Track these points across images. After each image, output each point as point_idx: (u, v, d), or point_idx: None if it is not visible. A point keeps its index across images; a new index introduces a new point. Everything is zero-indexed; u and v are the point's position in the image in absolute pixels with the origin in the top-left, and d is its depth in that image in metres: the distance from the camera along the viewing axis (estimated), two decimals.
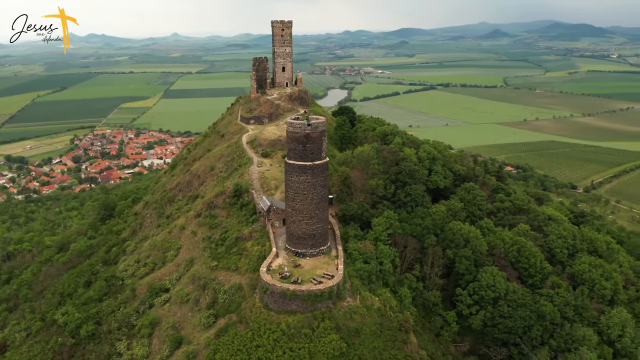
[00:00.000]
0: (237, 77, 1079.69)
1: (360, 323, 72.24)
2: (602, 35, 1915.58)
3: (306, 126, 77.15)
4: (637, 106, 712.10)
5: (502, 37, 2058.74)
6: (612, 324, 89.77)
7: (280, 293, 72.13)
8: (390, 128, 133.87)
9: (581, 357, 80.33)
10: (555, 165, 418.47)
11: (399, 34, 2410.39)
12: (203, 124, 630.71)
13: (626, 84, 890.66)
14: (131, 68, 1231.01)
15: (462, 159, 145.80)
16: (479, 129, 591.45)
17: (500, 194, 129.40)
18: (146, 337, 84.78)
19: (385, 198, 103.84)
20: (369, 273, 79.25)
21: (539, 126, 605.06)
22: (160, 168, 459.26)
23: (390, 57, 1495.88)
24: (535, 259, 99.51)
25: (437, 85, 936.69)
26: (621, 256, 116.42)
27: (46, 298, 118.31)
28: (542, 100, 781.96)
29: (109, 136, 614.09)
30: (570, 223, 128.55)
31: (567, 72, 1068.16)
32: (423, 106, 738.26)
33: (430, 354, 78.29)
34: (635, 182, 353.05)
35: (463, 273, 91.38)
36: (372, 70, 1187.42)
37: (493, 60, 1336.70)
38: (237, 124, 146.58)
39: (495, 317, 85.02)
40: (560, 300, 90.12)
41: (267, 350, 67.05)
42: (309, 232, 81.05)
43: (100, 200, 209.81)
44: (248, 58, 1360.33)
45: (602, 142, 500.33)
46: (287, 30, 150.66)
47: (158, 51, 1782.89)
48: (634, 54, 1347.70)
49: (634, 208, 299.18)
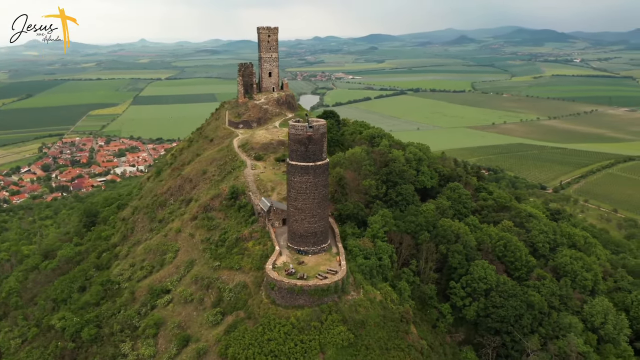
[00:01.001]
0: (208, 83, 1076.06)
1: (364, 315, 75.72)
2: (565, 41, 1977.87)
3: (308, 128, 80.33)
4: (601, 109, 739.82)
5: (469, 43, 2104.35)
6: (595, 312, 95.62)
7: (288, 289, 74.97)
8: (377, 131, 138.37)
9: (569, 343, 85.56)
10: (525, 167, 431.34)
11: (368, 39, 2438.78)
12: (176, 131, 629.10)
13: (589, 87, 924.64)
14: (98, 74, 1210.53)
15: (444, 161, 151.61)
16: (450, 133, 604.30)
17: (483, 192, 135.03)
18: (151, 337, 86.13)
19: (378, 198, 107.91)
20: (370, 268, 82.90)
21: (507, 129, 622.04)
22: (133, 175, 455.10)
23: (360, 63, 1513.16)
24: (521, 252, 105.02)
25: (408, 90, 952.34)
26: (598, 249, 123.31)
27: (39, 304, 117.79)
28: (509, 104, 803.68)
29: (78, 144, 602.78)
30: (548, 220, 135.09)
31: (532, 77, 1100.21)
32: (394, 111, 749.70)
33: (430, 344, 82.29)
34: (602, 182, 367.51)
35: (456, 267, 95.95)
36: (343, 75, 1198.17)
37: (460, 65, 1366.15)
38: (225, 128, 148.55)
39: (488, 308, 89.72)
40: (546, 290, 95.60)
41: (278, 343, 69.76)
42: (311, 230, 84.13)
43: (81, 208, 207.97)
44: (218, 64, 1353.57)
45: (569, 144, 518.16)
46: (273, 37, 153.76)
47: (126, 57, 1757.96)
48: (596, 59, 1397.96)
49: (602, 207, 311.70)
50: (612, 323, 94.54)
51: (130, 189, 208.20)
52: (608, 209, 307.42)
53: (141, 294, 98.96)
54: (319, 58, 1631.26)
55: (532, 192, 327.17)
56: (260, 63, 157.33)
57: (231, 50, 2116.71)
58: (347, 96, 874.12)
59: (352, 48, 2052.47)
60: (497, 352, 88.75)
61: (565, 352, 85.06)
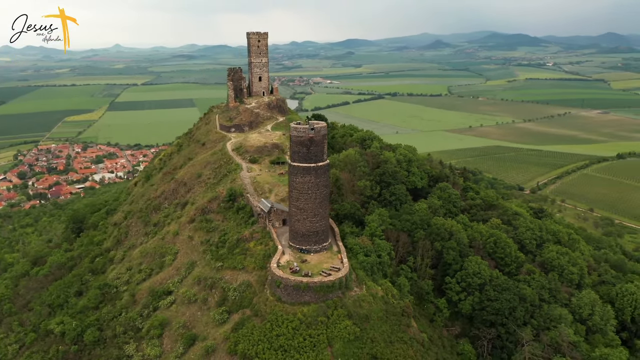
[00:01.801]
0: (185, 88, 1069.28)
1: (368, 310, 78.42)
2: (537, 45, 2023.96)
3: (310, 130, 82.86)
4: (574, 111, 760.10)
5: (444, 48, 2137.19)
6: (583, 304, 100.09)
7: (294, 286, 77.22)
8: (367, 134, 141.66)
9: (560, 334, 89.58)
10: (503, 169, 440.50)
11: (345, 44, 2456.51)
12: (154, 136, 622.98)
13: (562, 90, 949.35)
14: (73, 80, 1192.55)
15: (431, 162, 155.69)
16: (428, 136, 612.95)
17: (470, 192, 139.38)
18: (156, 337, 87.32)
19: (373, 198, 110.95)
20: (371, 265, 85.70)
21: (484, 132, 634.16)
22: (113, 182, 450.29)
23: (338, 68, 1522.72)
24: (510, 249, 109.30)
25: (385, 95, 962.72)
26: (582, 245, 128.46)
27: (35, 310, 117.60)
28: (485, 107, 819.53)
29: (54, 151, 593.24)
30: (532, 218, 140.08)
31: (506, 81, 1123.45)
32: (373, 115, 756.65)
33: (429, 337, 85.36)
34: (577, 182, 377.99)
35: (450, 263, 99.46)
36: (321, 80, 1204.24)
37: (436, 69, 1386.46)
38: (217, 132, 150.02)
39: (483, 301, 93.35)
40: (536, 284, 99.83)
41: (287, 338, 71.92)
42: (313, 229, 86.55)
43: (67, 215, 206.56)
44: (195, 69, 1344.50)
45: (544, 145, 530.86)
46: (263, 42, 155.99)
47: (100, 63, 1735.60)
48: (568, 62, 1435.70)
49: (578, 207, 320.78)
50: (599, 314, 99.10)
51: (116, 194, 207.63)
52: (584, 208, 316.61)
53: (142, 296, 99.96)
54: (296, 63, 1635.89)
55: (511, 193, 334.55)
56: (251, 68, 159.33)
57: (208, 55, 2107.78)
58: (326, 101, 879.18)
59: (329, 53, 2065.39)
60: (492, 343, 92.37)
61: (557, 342, 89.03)
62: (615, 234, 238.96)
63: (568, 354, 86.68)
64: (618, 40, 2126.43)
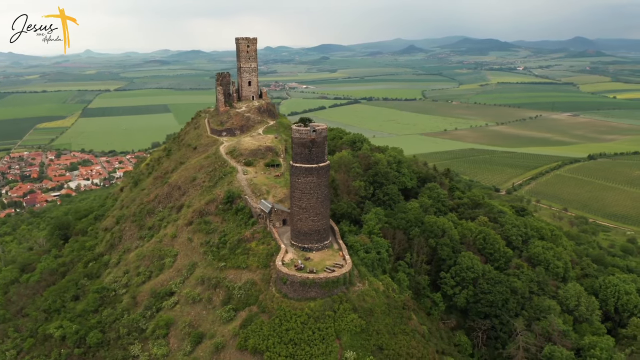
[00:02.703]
0: (159, 94, 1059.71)
1: (372, 304, 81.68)
2: (508, 49, 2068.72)
3: (312, 132, 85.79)
4: (545, 114, 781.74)
5: (417, 53, 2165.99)
6: (569, 296, 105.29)
7: (301, 282, 79.89)
8: (357, 136, 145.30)
9: (551, 323, 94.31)
10: (478, 171, 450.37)
11: (320, 49, 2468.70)
12: (130, 142, 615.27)
13: (533, 94, 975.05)
14: (43, 87, 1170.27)
15: (417, 163, 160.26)
16: (404, 140, 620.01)
17: (457, 192, 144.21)
18: (162, 337, 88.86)
19: (367, 198, 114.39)
20: (372, 261, 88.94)
21: (459, 135, 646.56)
22: (89, 189, 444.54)
23: (313, 73, 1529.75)
24: (499, 245, 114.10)
25: (361, 99, 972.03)
26: (564, 241, 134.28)
27: (30, 316, 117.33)
28: (459, 111, 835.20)
29: (27, 158, 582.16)
30: (516, 215, 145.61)
31: (478, 85, 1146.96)
32: (350, 119, 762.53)
33: (429, 329, 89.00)
34: (551, 183, 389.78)
35: (445, 258, 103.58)
36: (297, 85, 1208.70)
37: (410, 74, 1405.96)
38: (208, 136, 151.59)
39: (477, 294, 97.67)
40: (525, 277, 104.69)
41: (297, 332, 74.59)
42: (315, 228, 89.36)
43: (52, 222, 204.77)
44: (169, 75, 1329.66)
45: (517, 148, 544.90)
46: (252, 47, 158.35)
47: (71, 69, 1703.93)
48: (538, 66, 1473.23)
49: (553, 206, 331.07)
50: (585, 305, 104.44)
51: (102, 200, 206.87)
52: (559, 207, 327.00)
53: (143, 298, 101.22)
54: (271, 68, 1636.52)
55: (488, 194, 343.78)
56: (240, 72, 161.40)
57: (181, 60, 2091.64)
58: (302, 105, 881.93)
59: (304, 58, 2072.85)
60: (487, 334, 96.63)
61: (547, 331, 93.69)
62: (590, 232, 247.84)
63: (559, 342, 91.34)
64: (586, 45, 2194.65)
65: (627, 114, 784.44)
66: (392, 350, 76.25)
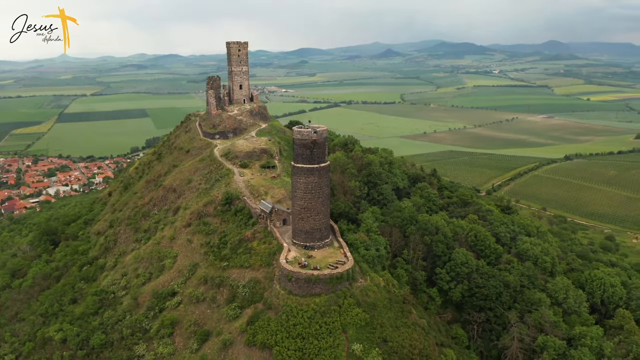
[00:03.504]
0: (137, 98, 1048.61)
1: (374, 298, 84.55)
2: (483, 53, 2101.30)
3: (313, 133, 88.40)
4: (521, 116, 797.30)
5: (395, 56, 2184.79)
6: (558, 289, 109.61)
7: (306, 279, 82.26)
8: (349, 138, 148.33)
9: (542, 315, 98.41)
10: (459, 173, 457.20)
11: (298, 53, 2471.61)
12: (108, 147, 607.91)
13: (509, 96, 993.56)
14: (18, 92, 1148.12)
15: (406, 164, 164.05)
16: (385, 142, 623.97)
17: (446, 191, 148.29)
18: (167, 336, 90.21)
19: (362, 197, 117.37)
20: (372, 258, 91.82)
21: (438, 138, 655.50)
22: (68, 195, 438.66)
23: (292, 77, 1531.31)
24: (489, 241, 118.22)
25: (341, 103, 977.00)
26: (550, 237, 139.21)
27: (27, 320, 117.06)
28: (437, 114, 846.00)
29: (3, 165, 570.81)
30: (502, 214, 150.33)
31: (455, 88, 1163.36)
32: (330, 123, 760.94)
33: (427, 322, 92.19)
34: (530, 183, 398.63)
35: (439, 255, 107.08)
36: (276, 89, 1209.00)
37: (389, 78, 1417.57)
38: (201, 139, 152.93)
39: (472, 288, 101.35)
40: (516, 272, 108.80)
41: (304, 326, 76.93)
42: (316, 226, 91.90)
43: (39, 228, 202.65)
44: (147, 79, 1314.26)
45: (495, 149, 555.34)
46: (244, 51, 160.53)
47: (46, 74, 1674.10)
48: (513, 69, 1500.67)
49: (532, 206, 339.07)
50: (573, 297, 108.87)
51: (89, 205, 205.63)
52: (538, 207, 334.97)
53: (145, 299, 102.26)
54: (250, 72, 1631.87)
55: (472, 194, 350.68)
56: (231, 76, 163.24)
57: (159, 64, 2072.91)
58: (283, 109, 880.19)
59: (283, 62, 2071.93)
60: (482, 327, 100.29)
61: (539, 322, 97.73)
62: (570, 230, 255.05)
63: (551, 333, 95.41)
64: (559, 48, 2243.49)
65: (601, 116, 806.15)
66: (396, 342, 79.08)
